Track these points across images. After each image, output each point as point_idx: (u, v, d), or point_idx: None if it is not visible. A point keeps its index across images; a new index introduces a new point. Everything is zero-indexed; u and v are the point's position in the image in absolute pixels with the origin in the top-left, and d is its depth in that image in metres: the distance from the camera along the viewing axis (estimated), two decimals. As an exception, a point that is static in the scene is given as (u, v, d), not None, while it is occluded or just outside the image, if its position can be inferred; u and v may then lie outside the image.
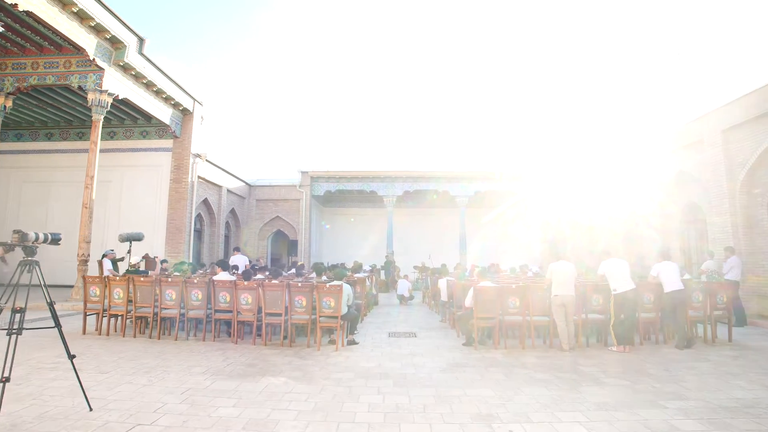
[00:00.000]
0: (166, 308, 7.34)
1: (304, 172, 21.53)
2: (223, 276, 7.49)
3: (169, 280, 7.34)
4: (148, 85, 13.45)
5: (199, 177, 16.36)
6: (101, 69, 11.54)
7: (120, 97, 12.39)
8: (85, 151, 16.02)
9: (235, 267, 9.98)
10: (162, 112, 14.55)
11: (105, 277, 7.50)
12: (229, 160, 19.18)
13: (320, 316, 6.78)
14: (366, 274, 11.43)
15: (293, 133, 67.77)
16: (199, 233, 17.55)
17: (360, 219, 25.80)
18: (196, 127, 16.20)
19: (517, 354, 6.46)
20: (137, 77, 12.91)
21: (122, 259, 11.64)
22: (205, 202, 17.44)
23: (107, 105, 11.77)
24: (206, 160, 16.62)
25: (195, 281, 7.27)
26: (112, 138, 16.33)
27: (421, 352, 6.58)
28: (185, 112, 15.81)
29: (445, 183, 21.63)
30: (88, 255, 11.25)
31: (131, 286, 7.37)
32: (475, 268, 11.80)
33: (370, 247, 24.23)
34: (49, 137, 16.70)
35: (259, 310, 6.98)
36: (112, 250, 12.56)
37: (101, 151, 16.59)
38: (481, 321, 6.86)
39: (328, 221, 25.89)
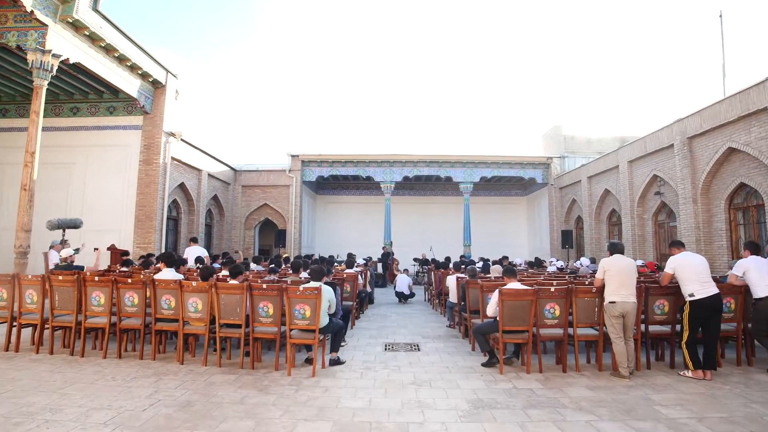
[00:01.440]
0: (93, 315, 5.60)
1: (293, 156, 19.71)
2: (167, 274, 5.73)
3: (96, 279, 5.58)
4: (108, 50, 11.58)
5: (173, 158, 14.54)
6: (44, 25, 9.67)
7: (71, 61, 10.53)
8: (50, 129, 14.32)
9: (199, 260, 8.16)
10: (128, 84, 12.68)
11: (13, 276, 5.74)
12: (213, 143, 17.49)
13: (292, 329, 5.05)
14: (359, 270, 9.72)
15: (283, 115, 65.60)
16: (175, 222, 15.78)
17: (356, 208, 24.04)
18: (170, 102, 14.35)
19: (559, 382, 4.74)
20: (93, 39, 11.03)
21: (78, 251, 9.92)
22: (182, 187, 15.64)
23: (52, 69, 9.91)
24: (182, 140, 14.80)
25: (129, 281, 5.51)
26: (75, 114, 14.48)
27: (428, 379, 4.85)
28: (156, 85, 13.95)
29: (448, 168, 19.84)
30: (28, 246, 9.46)
31: (47, 286, 5.61)
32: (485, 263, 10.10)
33: (367, 238, 22.52)
34: (3, 114, 14.85)
35: (214, 320, 5.25)
36: (64, 241, 10.83)
37: (63, 129, 14.98)
38: (510, 336, 5.14)
39: (321, 210, 24.12)
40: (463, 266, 8.55)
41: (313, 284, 5.09)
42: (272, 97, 68.63)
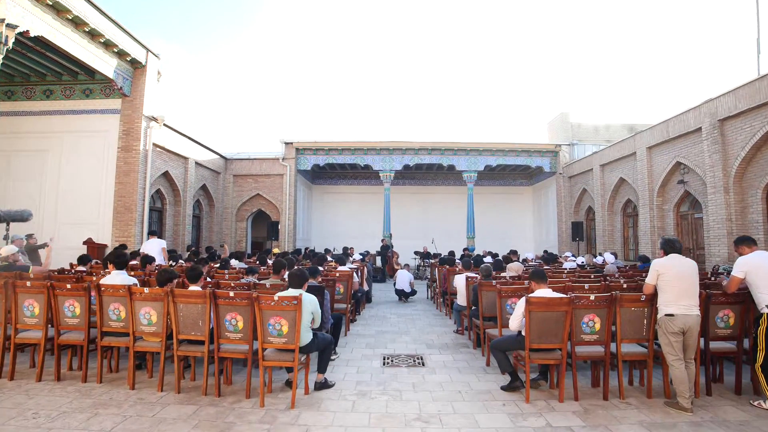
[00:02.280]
0: (25, 329, 4.59)
1: (287, 143, 18.61)
2: (115, 278, 4.70)
3: (28, 284, 4.55)
4: (77, 24, 10.46)
5: (155, 145, 13.46)
6: (-4, -9, 8.57)
7: (32, 34, 9.42)
8: (21, 113, 13.31)
9: (148, 260, 6.86)
10: (102, 63, 11.56)
11: (-72, 279, 4.72)
12: (204, 131, 16.41)
13: (265, 349, 4.04)
14: (355, 266, 8.70)
15: (278, 102, 64.26)
16: (159, 213, 14.75)
17: (354, 198, 22.99)
18: (151, 84, 13.24)
19: (603, 415, 3.75)
20: (58, 10, 9.90)
21: (45, 246, 8.96)
22: (167, 176, 14.59)
23: (7, 41, 8.80)
24: (165, 125, 13.71)
25: (68, 286, 4.48)
26: (48, 97, 13.36)
27: (437, 412, 3.85)
28: (136, 65, 12.82)
29: (451, 156, 18.75)
30: (-18, 241, 8.45)
31: (-31, 293, 4.58)
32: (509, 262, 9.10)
33: (366, 230, 21.54)
34: (-29, 96, 13.74)
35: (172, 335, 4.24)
36: (29, 236, 9.80)
37: (35, 113, 13.87)
38: (539, 354, 4.14)
39: (318, 200, 23.07)
40: (472, 262, 7.51)
41: (291, 292, 4.07)
42: (267, 83, 67.25)
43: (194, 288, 4.35)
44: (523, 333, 4.16)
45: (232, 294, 4.10)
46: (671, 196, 12.13)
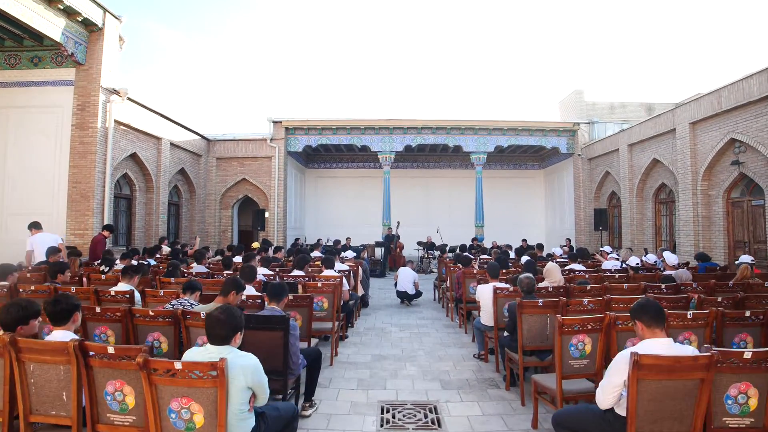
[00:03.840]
0: None
1: (276, 122, 16.71)
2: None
3: None
4: (7, -30, 8.56)
5: (118, 122, 11.60)
6: None
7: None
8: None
9: (7, 270, 4.90)
10: (46, 23, 9.62)
11: None
12: (186, 111, 14.51)
13: (171, 451, 2.29)
14: (347, 269, 6.93)
15: (267, 80, 61.88)
16: (128, 201, 12.96)
17: (351, 183, 21.16)
18: (111, 51, 11.31)
19: None
20: (-23, -50, 8.01)
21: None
22: (135, 158, 12.76)
23: None
24: (130, 99, 11.83)
25: None
26: (-10, 67, 11.49)
27: None
28: (91, 28, 10.87)
29: (458, 136, 16.87)
30: None
31: None
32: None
33: (365, 218, 19.76)
34: None
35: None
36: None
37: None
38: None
39: (312, 185, 21.24)
40: (498, 266, 5.70)
41: (209, 354, 2.28)
42: (256, 60, 64.75)
43: (59, 334, 2.57)
44: (619, 411, 2.42)
45: (111, 349, 2.33)
46: (720, 180, 10.32)
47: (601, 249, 9.42)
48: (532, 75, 63.62)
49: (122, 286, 4.46)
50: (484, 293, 5.12)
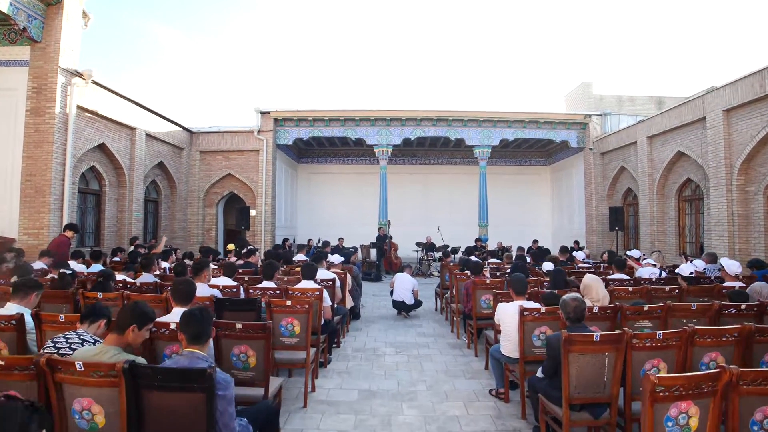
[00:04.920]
0: None
1: (263, 113, 15.44)
2: None
3: None
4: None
5: (82, 109, 10.33)
6: None
7: None
8: None
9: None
10: (-10, -10, 8.42)
11: None
12: (168, 102, 13.21)
13: None
14: (331, 278, 5.66)
15: (257, 72, 60.44)
16: (97, 197, 11.70)
17: (346, 179, 19.87)
18: (71, 27, 10.04)
19: None
20: None
21: None
22: (104, 150, 11.49)
23: None
24: (95, 83, 10.56)
25: None
26: (-66, 44, 10.22)
27: None
28: (47, 0, 9.64)
29: (460, 128, 15.63)
30: None
31: None
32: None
33: (361, 217, 18.49)
34: None
35: None
36: None
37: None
38: None
39: (304, 182, 19.97)
40: (524, 280, 4.43)
41: None
42: (244, 50, 63.33)
43: None
44: None
45: None
46: (761, 174, 9.11)
47: (627, 253, 8.20)
48: (536, 68, 62.42)
49: (10, 308, 3.21)
50: (507, 315, 3.88)
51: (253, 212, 15.25)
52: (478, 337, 5.75)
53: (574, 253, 8.26)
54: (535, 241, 14.11)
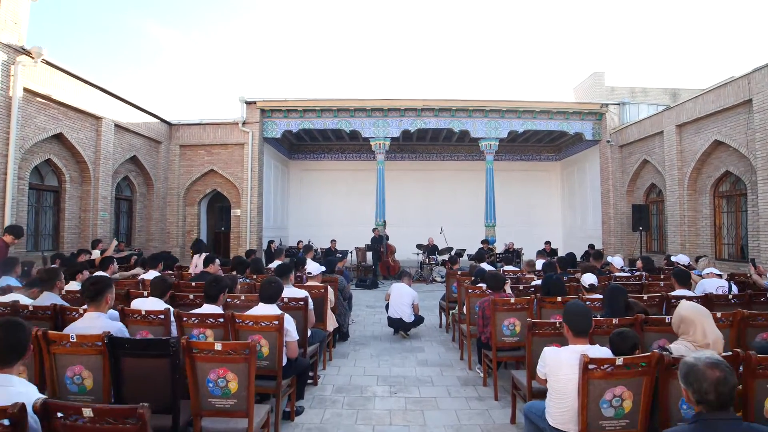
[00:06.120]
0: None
1: (249, 103, 14.05)
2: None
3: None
4: None
5: (31, 92, 8.95)
6: None
7: None
8: None
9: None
10: None
11: None
12: (147, 93, 11.80)
13: None
14: (302, 297, 4.25)
15: (244, 62, 58.94)
16: (55, 195, 10.32)
17: (342, 176, 18.44)
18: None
19: None
20: None
21: None
22: (63, 141, 10.12)
23: None
24: (47, 63, 9.18)
25: None
26: None
27: None
28: (-14, -36, 8.28)
29: (465, 119, 14.23)
30: None
31: None
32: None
33: (358, 216, 17.08)
34: None
35: None
36: None
37: None
38: None
39: (296, 179, 18.56)
40: (557, 294, 3.00)
41: None
42: (231, 37, 61.87)
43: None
44: None
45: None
46: (823, 164, 7.72)
47: (672, 259, 6.80)
48: (544, 59, 60.91)
49: None
50: (562, 368, 2.46)
51: (237, 212, 13.88)
52: (498, 369, 4.35)
53: (609, 259, 6.82)
54: (548, 243, 12.74)
